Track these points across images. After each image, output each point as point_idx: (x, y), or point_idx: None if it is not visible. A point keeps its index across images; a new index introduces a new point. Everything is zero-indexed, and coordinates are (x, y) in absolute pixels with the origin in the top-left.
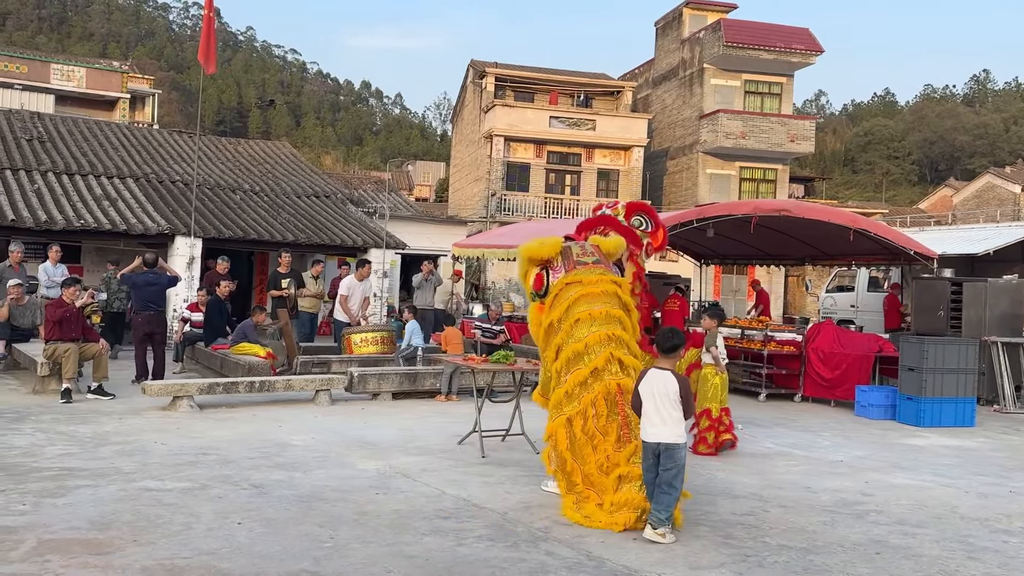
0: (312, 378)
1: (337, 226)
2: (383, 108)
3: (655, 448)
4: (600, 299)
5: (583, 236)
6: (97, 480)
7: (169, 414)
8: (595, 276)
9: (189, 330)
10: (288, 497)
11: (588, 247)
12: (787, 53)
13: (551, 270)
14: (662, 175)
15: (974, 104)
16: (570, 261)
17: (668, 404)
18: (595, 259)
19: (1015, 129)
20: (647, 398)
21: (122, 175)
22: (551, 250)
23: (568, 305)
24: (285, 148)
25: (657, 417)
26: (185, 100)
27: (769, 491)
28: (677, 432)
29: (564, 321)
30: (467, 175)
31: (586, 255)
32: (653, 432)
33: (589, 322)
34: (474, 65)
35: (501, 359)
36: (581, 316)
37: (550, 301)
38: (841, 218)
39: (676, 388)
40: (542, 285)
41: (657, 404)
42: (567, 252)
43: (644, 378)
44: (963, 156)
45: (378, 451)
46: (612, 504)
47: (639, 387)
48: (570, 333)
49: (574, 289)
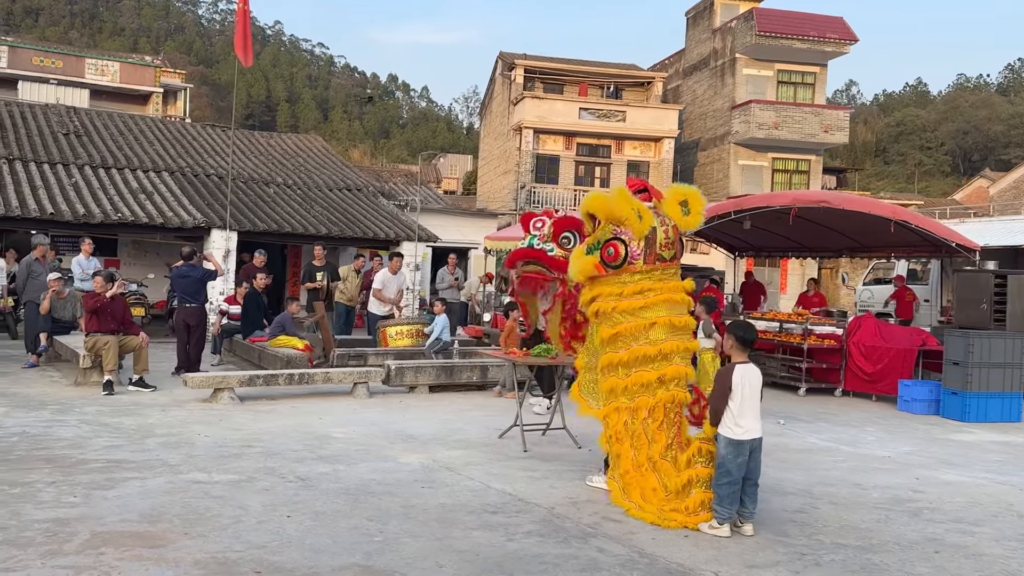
0: (350, 371)
1: (369, 219)
2: (409, 101)
3: (752, 445)
4: (679, 307)
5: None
6: (144, 472)
7: (211, 406)
8: (674, 283)
9: (227, 323)
10: (334, 490)
11: (671, 232)
12: (821, 42)
13: (629, 247)
14: (693, 167)
15: (1009, 93)
16: (652, 252)
17: (757, 398)
18: (673, 254)
19: None
20: (743, 393)
21: (158, 168)
22: (641, 229)
23: (645, 304)
24: (317, 142)
25: (751, 412)
26: (215, 95)
27: (819, 488)
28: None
29: (635, 316)
30: (495, 168)
31: (668, 247)
32: (751, 428)
33: (668, 328)
34: (503, 57)
35: (542, 353)
36: (661, 320)
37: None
38: (882, 209)
39: (761, 382)
40: (618, 258)
41: (753, 399)
42: (652, 237)
43: (734, 372)
44: (997, 146)
45: (419, 444)
46: (687, 508)
47: (732, 381)
48: (644, 332)
49: (653, 295)
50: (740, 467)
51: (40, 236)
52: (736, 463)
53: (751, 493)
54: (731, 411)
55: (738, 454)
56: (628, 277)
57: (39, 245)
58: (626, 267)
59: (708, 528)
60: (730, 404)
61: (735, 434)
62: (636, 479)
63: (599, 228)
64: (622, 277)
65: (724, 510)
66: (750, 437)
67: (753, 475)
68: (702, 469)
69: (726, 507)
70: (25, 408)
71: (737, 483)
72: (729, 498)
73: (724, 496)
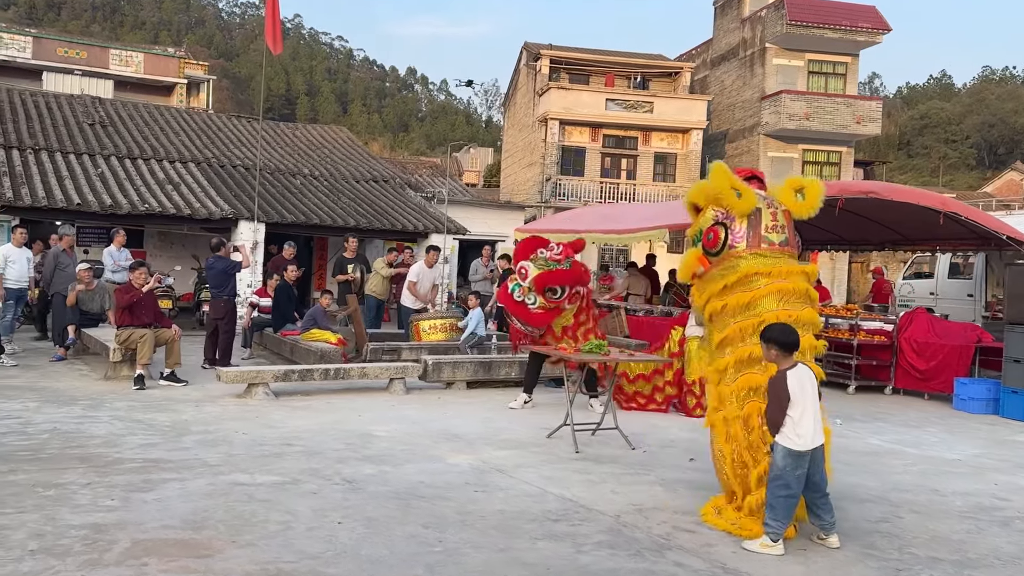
0: (387, 366)
1: (397, 211)
2: (428, 94)
3: (813, 455)
4: (794, 298)
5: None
6: (183, 473)
7: (246, 402)
8: (786, 267)
9: (257, 316)
10: (384, 493)
11: (780, 216)
12: (853, 31)
13: (730, 230)
14: (720, 159)
15: None
16: (756, 234)
17: (816, 402)
18: (783, 239)
19: None
20: (803, 400)
21: (184, 159)
22: (741, 207)
23: (753, 298)
24: (342, 133)
25: (812, 419)
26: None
27: (895, 494)
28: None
29: (743, 314)
30: (520, 160)
31: (776, 230)
32: (813, 436)
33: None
34: (528, 47)
35: (595, 349)
36: (769, 318)
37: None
38: (931, 200)
39: (816, 382)
40: (717, 243)
41: (813, 404)
42: (756, 219)
43: (788, 379)
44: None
45: (465, 444)
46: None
47: (789, 389)
48: (753, 333)
49: (762, 280)
50: (800, 479)
51: (66, 227)
52: (795, 475)
53: (823, 504)
54: (792, 419)
55: (798, 465)
56: (732, 263)
57: (65, 236)
58: (726, 253)
59: (759, 547)
60: (790, 413)
61: (796, 444)
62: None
63: (699, 217)
64: (724, 265)
65: (779, 524)
66: (812, 447)
67: (820, 486)
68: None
69: (781, 521)
70: (55, 403)
71: (796, 497)
72: (785, 512)
73: (780, 509)
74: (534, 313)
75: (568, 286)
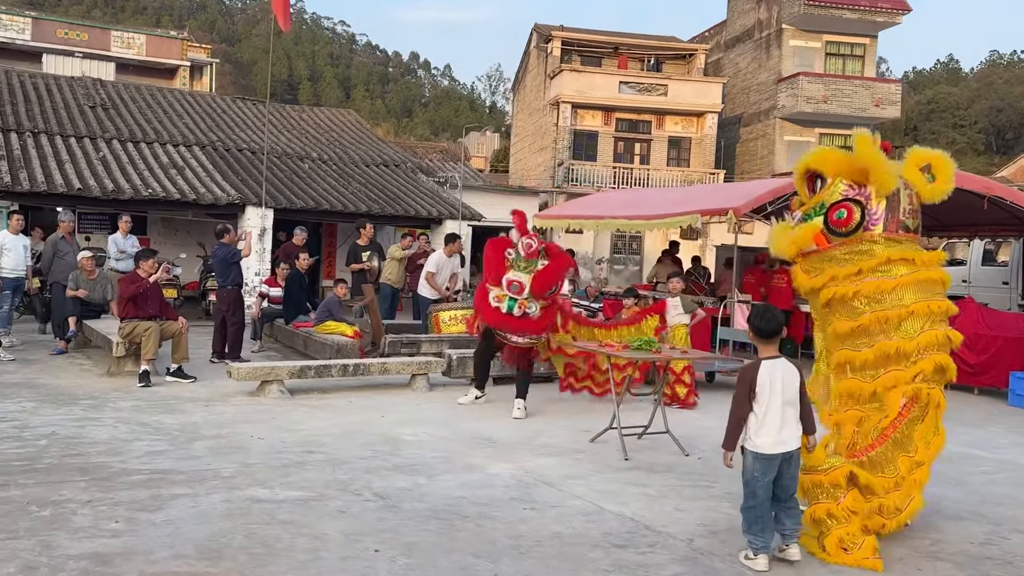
0: (409, 361)
1: (410, 196)
2: (432, 80)
3: (782, 458)
4: (935, 288)
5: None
6: (195, 487)
7: (259, 400)
8: (927, 256)
9: (267, 306)
10: (422, 512)
11: (916, 203)
12: (872, 12)
13: (867, 209)
14: (735, 143)
15: None
16: (895, 218)
17: (793, 402)
18: (917, 225)
19: None
20: (770, 395)
21: (188, 143)
22: (888, 184)
23: (897, 284)
24: (350, 116)
25: (782, 419)
26: (239, 73)
27: (990, 509)
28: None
29: (883, 302)
30: (530, 144)
31: (912, 215)
32: (783, 438)
33: (926, 317)
34: (538, 29)
35: (644, 346)
36: (918, 309)
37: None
38: (974, 184)
39: (799, 381)
40: (851, 222)
41: (783, 402)
42: (895, 200)
43: (760, 370)
44: None
45: (502, 450)
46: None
47: (757, 380)
48: (896, 324)
49: (903, 267)
50: (768, 487)
51: (66, 213)
52: (764, 482)
53: (787, 509)
54: (756, 417)
55: (767, 471)
56: (866, 247)
57: (64, 222)
58: (859, 235)
59: (743, 559)
60: (755, 409)
61: (759, 446)
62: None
63: (824, 189)
64: (854, 248)
65: (756, 539)
66: (781, 450)
67: (786, 490)
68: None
69: (756, 535)
70: (54, 403)
71: (764, 506)
72: (758, 524)
73: (752, 521)
74: (537, 321)
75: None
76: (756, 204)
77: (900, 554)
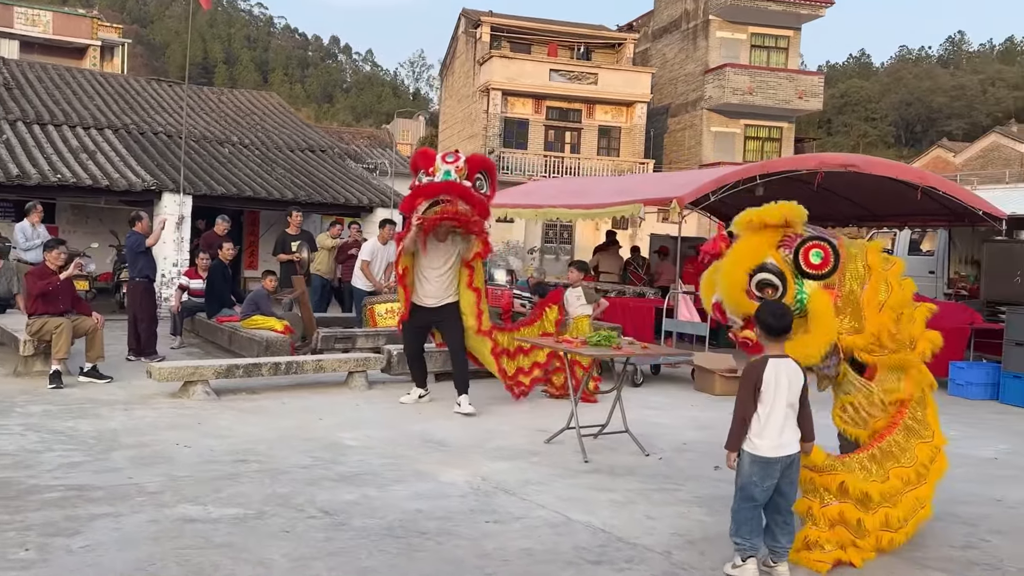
0: (345, 358)
1: (339, 183)
2: (353, 65)
3: (784, 463)
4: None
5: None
6: (117, 505)
7: (183, 403)
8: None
9: (188, 299)
10: (375, 530)
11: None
12: (796, 5)
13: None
14: (663, 133)
15: (949, 66)
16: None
17: (793, 403)
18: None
19: (992, 91)
20: (775, 395)
21: (100, 126)
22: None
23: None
24: (273, 99)
25: (784, 421)
26: (151, 54)
27: (958, 508)
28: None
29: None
30: (459, 132)
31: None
32: (784, 442)
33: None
34: (467, 14)
35: (603, 342)
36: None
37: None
38: (909, 174)
39: (803, 383)
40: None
41: (787, 403)
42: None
43: (766, 368)
44: (940, 118)
45: (454, 454)
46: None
47: (763, 378)
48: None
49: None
50: (766, 491)
51: None
52: (763, 487)
53: (783, 524)
54: (759, 418)
55: (766, 475)
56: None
57: None
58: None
59: (730, 568)
60: (759, 409)
61: (760, 449)
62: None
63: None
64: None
65: (745, 541)
66: (782, 454)
67: (787, 500)
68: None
69: (745, 537)
70: None
71: (759, 509)
72: (749, 526)
73: (743, 523)
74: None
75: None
76: (700, 194)
77: (884, 561)
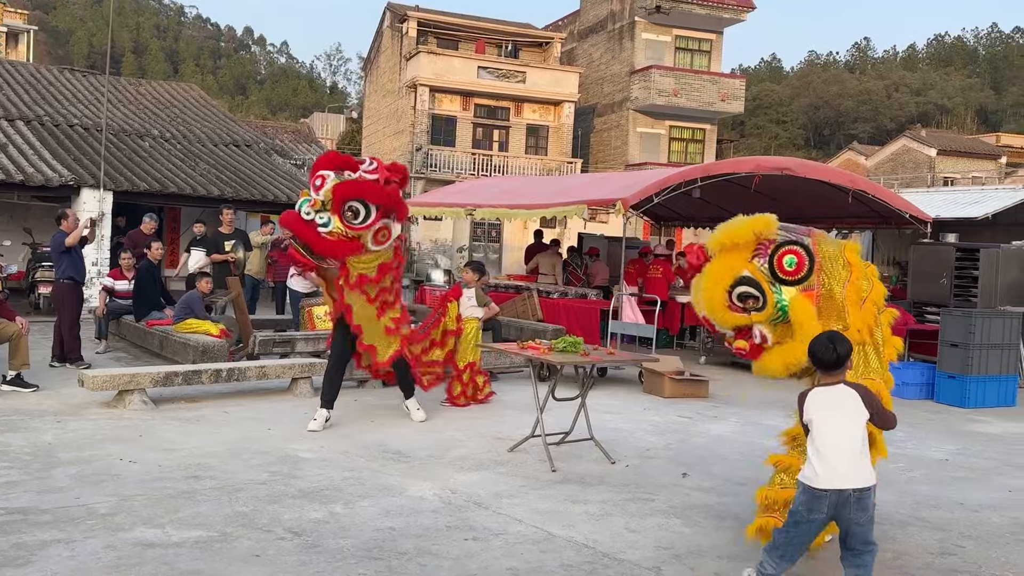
0: (290, 364)
1: (266, 179)
2: (268, 56)
3: (833, 500)
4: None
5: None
6: (67, 530)
7: (119, 413)
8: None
9: (113, 301)
10: (351, 551)
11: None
12: (719, 8)
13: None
14: (590, 133)
15: (856, 71)
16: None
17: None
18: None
19: (896, 96)
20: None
21: (10, 117)
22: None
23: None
24: (194, 91)
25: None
26: (54, 42)
27: (927, 512)
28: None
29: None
30: (385, 128)
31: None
32: (838, 474)
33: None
34: (392, 8)
35: (570, 348)
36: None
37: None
38: (841, 178)
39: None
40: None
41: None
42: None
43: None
44: (847, 121)
45: (417, 465)
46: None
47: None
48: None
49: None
50: (816, 525)
51: None
52: (809, 518)
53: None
54: (812, 444)
55: (813, 508)
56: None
57: None
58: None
59: None
60: (809, 443)
61: (811, 479)
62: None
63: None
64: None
65: (769, 564)
66: (830, 487)
67: (856, 538)
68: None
69: (776, 560)
70: None
71: (802, 542)
72: (779, 551)
73: (777, 545)
74: (325, 238)
75: (377, 207)
76: (645, 195)
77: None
